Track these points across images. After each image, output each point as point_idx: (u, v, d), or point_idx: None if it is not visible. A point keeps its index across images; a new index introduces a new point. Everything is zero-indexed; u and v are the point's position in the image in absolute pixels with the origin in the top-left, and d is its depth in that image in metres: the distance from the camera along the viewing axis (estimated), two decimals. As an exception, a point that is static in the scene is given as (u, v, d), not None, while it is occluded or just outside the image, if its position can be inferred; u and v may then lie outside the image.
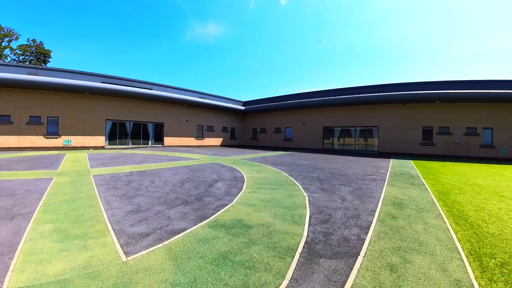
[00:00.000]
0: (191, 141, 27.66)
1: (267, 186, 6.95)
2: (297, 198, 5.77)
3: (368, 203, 5.52)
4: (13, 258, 3.17)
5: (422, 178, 8.88)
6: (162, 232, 3.87)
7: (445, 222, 4.37)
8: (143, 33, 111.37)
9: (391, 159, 15.51)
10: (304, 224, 4.17)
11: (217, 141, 30.30)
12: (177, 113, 26.31)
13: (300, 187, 7.00)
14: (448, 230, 4.03)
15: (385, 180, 8.29)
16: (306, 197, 5.87)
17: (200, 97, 28.51)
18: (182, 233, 3.81)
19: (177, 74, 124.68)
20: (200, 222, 4.28)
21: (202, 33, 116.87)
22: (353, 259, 3.07)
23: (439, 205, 5.49)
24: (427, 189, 7.14)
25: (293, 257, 3.09)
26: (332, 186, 7.26)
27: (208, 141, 29.24)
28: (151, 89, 24.51)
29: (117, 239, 3.64)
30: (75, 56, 78.75)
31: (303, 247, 3.36)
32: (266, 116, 31.31)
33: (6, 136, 17.73)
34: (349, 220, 4.40)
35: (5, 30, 42.29)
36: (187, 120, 27.33)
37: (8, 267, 2.94)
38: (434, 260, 3.07)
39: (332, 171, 10.13)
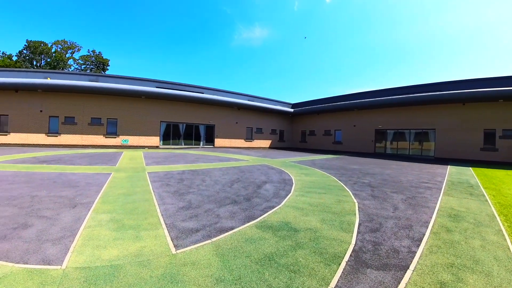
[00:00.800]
0: (241, 142, 33.35)
1: (315, 190, 7.90)
2: (347, 204, 6.43)
3: (421, 213, 5.98)
4: (73, 241, 4.25)
5: (482, 188, 9.35)
6: (211, 229, 4.67)
7: (505, 240, 4.53)
8: (193, 40, 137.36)
9: (449, 166, 16.45)
10: (353, 231, 4.64)
11: (266, 143, 35.88)
12: (227, 115, 32.15)
13: (350, 192, 7.79)
14: (509, 248, 4.17)
15: (441, 189, 8.87)
16: (356, 204, 6.51)
17: (249, 100, 34.61)
18: (230, 232, 4.55)
19: (226, 77, 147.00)
20: (248, 222, 5.07)
21: (248, 37, 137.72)
22: (401, 272, 3.35)
23: (500, 219, 5.71)
24: (487, 200, 7.47)
25: (339, 264, 3.47)
26: (383, 193, 7.96)
27: (257, 143, 34.89)
28: (202, 93, 30.80)
29: (168, 232, 4.52)
30: (131, 63, 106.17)
31: (350, 255, 3.74)
32: (315, 118, 35.68)
33: (71, 135, 24.92)
34: (400, 231, 4.80)
35: (68, 43, 62.73)
36: (236, 122, 33.09)
37: (68, 249, 3.97)
38: (490, 282, 3.18)
39: (384, 177, 11.15)
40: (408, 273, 3.31)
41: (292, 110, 37.40)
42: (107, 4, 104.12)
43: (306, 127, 36.81)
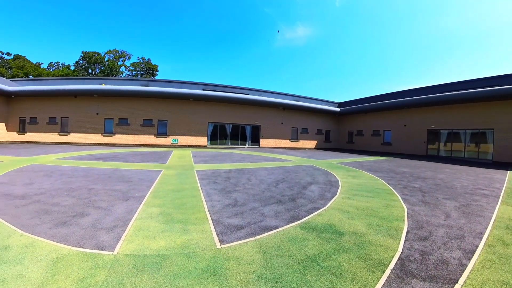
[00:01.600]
0: (286, 143, 33.40)
1: (362, 194, 7.75)
2: (395, 209, 6.26)
3: (476, 223, 5.61)
4: (125, 231, 4.63)
5: (548, 198, 8.35)
6: (255, 227, 4.83)
7: None
8: (237, 43, 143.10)
9: (508, 171, 15.29)
10: (400, 238, 4.50)
11: (312, 143, 35.45)
12: (273, 116, 32.61)
13: (399, 197, 7.54)
14: None
15: (499, 197, 8.19)
16: (405, 209, 6.32)
17: (294, 100, 34.72)
18: (274, 231, 4.66)
19: (271, 78, 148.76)
20: (292, 222, 5.15)
21: (291, 36, 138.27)
22: (449, 286, 3.16)
23: None
24: (553, 212, 6.68)
25: (384, 272, 3.38)
26: (435, 199, 7.59)
27: (303, 143, 34.60)
28: (248, 94, 31.92)
29: (214, 227, 4.79)
30: (178, 68, 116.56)
31: (396, 263, 3.63)
32: (362, 117, 34.26)
33: (125, 135, 27.37)
34: (451, 241, 4.54)
35: (119, 52, 70.68)
36: (282, 123, 33.25)
37: (120, 237, 4.34)
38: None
39: (437, 182, 10.61)
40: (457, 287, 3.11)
41: (338, 109, 36.38)
42: (153, 14, 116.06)
43: (353, 127, 35.58)
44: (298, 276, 3.19)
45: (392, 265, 3.55)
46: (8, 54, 63.64)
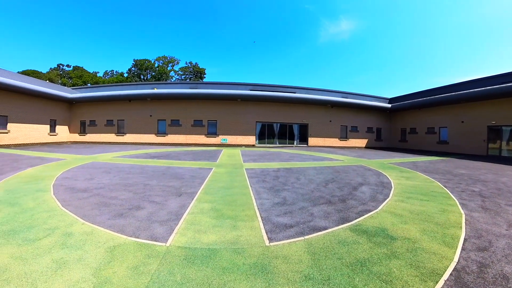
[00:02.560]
0: (335, 141, 32.43)
1: (416, 196, 7.41)
2: (452, 215, 5.89)
3: None
4: (177, 224, 4.88)
5: None
6: (304, 227, 4.83)
7: None
8: (281, 41, 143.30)
9: None
10: (456, 247, 4.21)
11: (362, 142, 33.95)
12: (321, 114, 31.87)
13: (457, 202, 7.08)
14: None
15: None
16: (463, 215, 5.92)
17: (342, 97, 33.47)
18: (323, 231, 4.62)
19: (317, 75, 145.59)
20: (342, 224, 5.06)
21: (335, 31, 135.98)
22: None
23: None
24: None
25: (437, 282, 3.19)
26: (497, 205, 6.95)
27: (352, 142, 33.28)
28: (294, 93, 31.80)
29: (263, 225, 4.88)
30: (225, 70, 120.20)
31: (451, 274, 3.40)
32: (416, 114, 32.06)
33: (177, 135, 29.08)
34: None
35: (168, 58, 77.22)
36: (330, 121, 32.31)
37: (173, 230, 4.57)
38: None
39: (499, 185, 9.64)
40: (516, 307, 2.83)
41: (389, 105, 34.28)
42: (198, 20, 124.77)
43: (406, 125, 33.32)
44: (346, 279, 3.13)
45: (446, 275, 3.33)
46: (68, 66, 74.25)
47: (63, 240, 4.11)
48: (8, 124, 22.39)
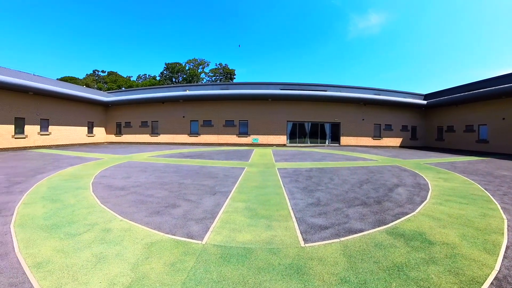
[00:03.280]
0: (368, 141, 31.47)
1: (455, 199, 7.14)
2: (493, 220, 5.56)
3: None
4: (213, 222, 4.93)
5: None
6: (339, 229, 4.76)
7: None
8: (309, 38, 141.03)
9: None
10: (498, 254, 3.97)
11: (396, 141, 32.81)
12: (353, 112, 31.02)
13: (498, 206, 6.64)
14: None
15: None
16: (505, 221, 5.56)
17: (375, 94, 32.46)
18: (359, 234, 4.53)
19: (347, 72, 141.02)
20: (378, 226, 4.94)
21: (365, 26, 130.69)
22: None
23: None
24: None
25: None
26: None
27: (386, 141, 32.28)
28: (326, 91, 31.15)
29: (298, 226, 4.84)
30: (254, 70, 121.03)
31: (491, 283, 3.21)
32: (453, 110, 30.06)
33: (209, 135, 29.73)
34: None
35: (198, 60, 79.56)
36: (363, 119, 31.37)
37: (209, 228, 4.64)
38: None
39: None
40: None
41: (425, 102, 32.35)
42: (226, 22, 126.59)
43: (443, 122, 31.35)
44: (383, 284, 3.05)
45: (487, 284, 3.14)
46: (102, 71, 79.24)
47: (102, 235, 4.27)
48: (50, 126, 24.31)
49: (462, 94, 27.66)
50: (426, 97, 35.17)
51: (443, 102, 30.05)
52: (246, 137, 29.41)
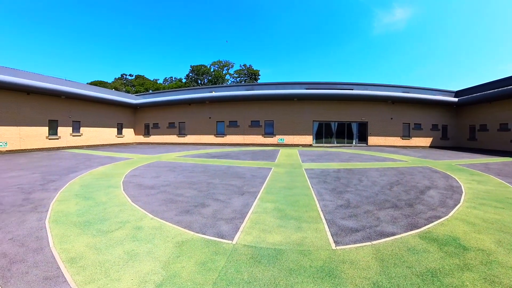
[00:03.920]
0: (396, 140, 30.57)
1: (490, 203, 6.83)
2: None
3: None
4: (242, 223, 4.94)
5: None
6: (371, 232, 4.66)
7: None
8: (333, 36, 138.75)
9: None
10: None
11: (426, 141, 31.37)
12: (381, 111, 30.14)
13: None
14: None
15: None
16: None
17: (403, 92, 31.37)
18: (391, 237, 4.44)
19: (373, 69, 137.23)
20: (410, 230, 4.82)
21: (390, 21, 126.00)
22: None
23: None
24: None
25: None
26: None
27: (415, 141, 31.05)
28: (352, 89, 30.38)
29: (328, 228, 4.76)
30: (278, 70, 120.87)
31: None
32: (486, 108, 28.02)
33: (235, 136, 30.08)
34: None
35: (223, 62, 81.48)
36: (391, 118, 30.35)
37: (238, 228, 4.64)
38: None
39: None
40: None
41: (456, 99, 30.75)
42: (249, 23, 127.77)
43: (475, 121, 29.46)
44: None
45: None
46: (130, 75, 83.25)
47: (133, 233, 4.38)
48: (81, 128, 25.83)
49: (495, 90, 26.02)
50: (457, 94, 33.47)
51: (475, 100, 28.43)
52: (272, 137, 29.43)
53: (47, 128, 22.48)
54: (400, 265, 3.47)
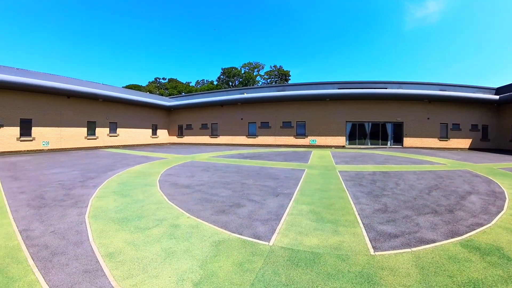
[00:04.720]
0: (433, 142, 28.94)
1: None
2: None
3: None
4: (278, 224, 4.90)
5: None
6: (410, 238, 4.50)
7: None
8: (365, 33, 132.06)
9: None
10: None
11: (465, 142, 29.26)
12: (417, 110, 28.68)
13: None
14: None
15: None
16: None
17: (440, 89, 29.56)
18: (432, 244, 4.26)
19: (408, 66, 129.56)
20: (451, 237, 4.60)
21: (423, 15, 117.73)
22: None
23: None
24: None
25: None
26: None
27: (453, 142, 29.17)
28: (386, 88, 29.35)
29: (366, 232, 4.62)
30: (309, 70, 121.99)
31: None
32: None
33: (267, 137, 30.25)
34: None
35: (253, 64, 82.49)
36: (428, 118, 28.78)
37: (275, 230, 4.61)
38: None
39: None
40: None
41: (497, 97, 28.31)
42: (277, 22, 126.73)
43: None
44: None
45: None
46: (163, 79, 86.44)
47: (171, 231, 4.47)
48: (118, 129, 27.56)
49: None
50: (497, 91, 30.86)
51: (518, 97, 26.11)
52: (304, 138, 29.11)
53: (85, 129, 24.23)
54: (441, 274, 3.34)
